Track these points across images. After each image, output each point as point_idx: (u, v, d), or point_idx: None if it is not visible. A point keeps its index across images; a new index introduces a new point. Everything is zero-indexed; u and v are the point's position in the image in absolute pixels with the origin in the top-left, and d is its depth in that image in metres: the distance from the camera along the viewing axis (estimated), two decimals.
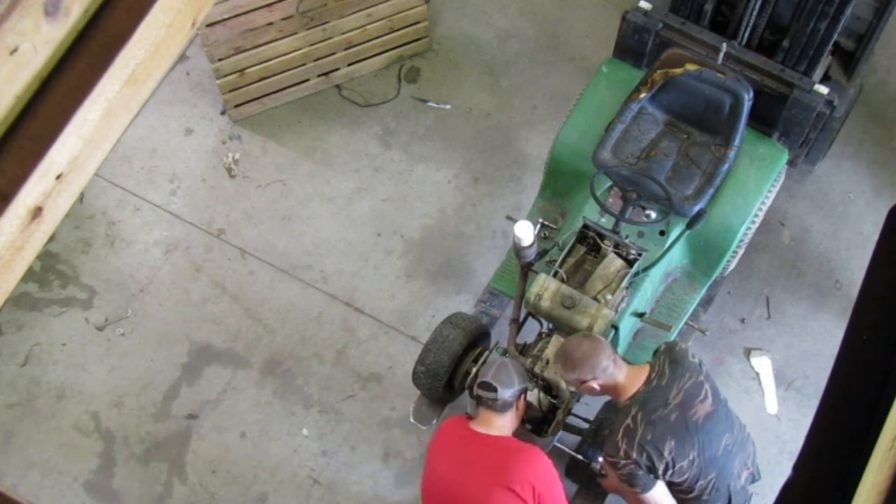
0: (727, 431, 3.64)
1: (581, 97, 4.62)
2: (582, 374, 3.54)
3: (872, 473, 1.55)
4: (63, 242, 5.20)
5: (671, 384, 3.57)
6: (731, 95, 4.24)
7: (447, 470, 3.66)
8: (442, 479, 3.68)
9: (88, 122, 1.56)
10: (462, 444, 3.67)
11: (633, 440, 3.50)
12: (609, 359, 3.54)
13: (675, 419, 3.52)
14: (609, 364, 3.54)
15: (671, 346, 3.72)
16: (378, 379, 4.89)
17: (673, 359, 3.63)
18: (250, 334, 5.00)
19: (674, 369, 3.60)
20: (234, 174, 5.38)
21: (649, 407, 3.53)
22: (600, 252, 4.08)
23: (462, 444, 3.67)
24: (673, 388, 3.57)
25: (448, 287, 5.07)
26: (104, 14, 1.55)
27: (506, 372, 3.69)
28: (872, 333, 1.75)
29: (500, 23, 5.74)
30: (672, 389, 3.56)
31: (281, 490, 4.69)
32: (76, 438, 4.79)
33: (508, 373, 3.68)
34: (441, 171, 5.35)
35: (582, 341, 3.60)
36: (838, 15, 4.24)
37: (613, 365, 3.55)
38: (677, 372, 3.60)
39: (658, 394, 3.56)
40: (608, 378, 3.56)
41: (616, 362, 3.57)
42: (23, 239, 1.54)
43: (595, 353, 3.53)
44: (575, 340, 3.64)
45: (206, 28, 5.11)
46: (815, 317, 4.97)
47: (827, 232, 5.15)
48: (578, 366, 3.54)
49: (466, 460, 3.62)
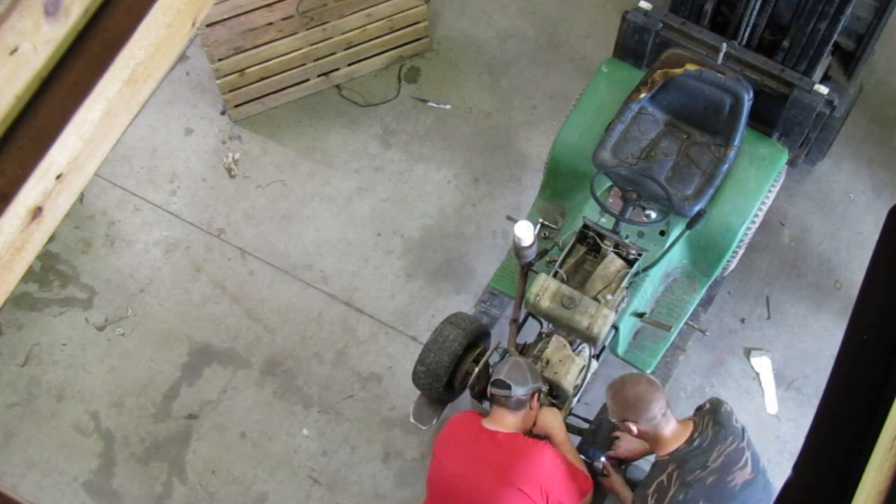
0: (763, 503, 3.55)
1: (581, 97, 4.62)
2: (627, 413, 3.48)
3: (872, 473, 1.55)
4: (63, 242, 5.20)
5: (712, 447, 3.49)
6: (731, 95, 4.24)
7: (456, 465, 3.67)
8: (450, 474, 3.68)
9: (88, 122, 1.56)
10: (473, 441, 3.68)
11: (664, 498, 3.44)
12: (660, 410, 3.46)
13: (711, 483, 3.45)
14: (658, 415, 3.46)
15: (717, 405, 3.61)
16: (378, 379, 4.89)
17: (717, 420, 3.54)
18: (250, 334, 5.00)
19: (717, 431, 3.52)
20: (234, 174, 5.38)
21: (687, 467, 3.46)
22: (600, 252, 4.08)
23: (473, 440, 3.68)
24: (714, 451, 3.49)
25: (448, 287, 5.07)
26: (104, 14, 1.55)
27: (519, 370, 3.72)
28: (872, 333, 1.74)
29: (500, 23, 5.74)
30: (713, 453, 3.48)
31: (281, 490, 4.69)
32: (76, 438, 4.79)
33: (522, 371, 3.72)
34: (441, 171, 5.35)
35: (641, 382, 3.52)
36: (838, 15, 4.24)
37: (662, 417, 3.47)
38: (721, 435, 3.51)
39: (699, 455, 3.48)
40: (652, 428, 3.49)
41: (666, 416, 3.49)
42: (23, 239, 1.54)
43: (648, 400, 3.45)
44: (635, 378, 3.56)
45: (206, 28, 5.11)
46: (815, 317, 4.97)
47: (827, 232, 5.15)
48: (628, 405, 3.47)
49: (476, 457, 3.63)
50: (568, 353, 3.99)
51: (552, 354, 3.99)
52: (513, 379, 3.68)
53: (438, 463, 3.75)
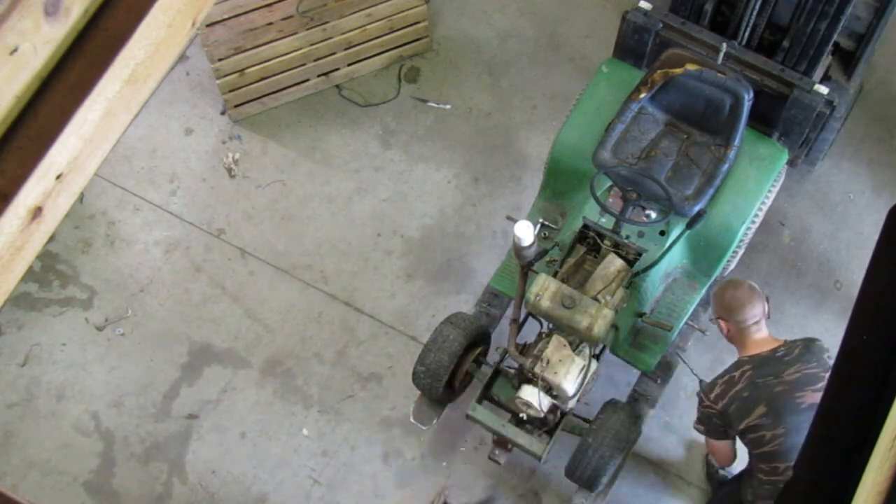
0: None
1: (581, 97, 4.62)
2: (721, 311, 3.71)
3: (872, 473, 1.55)
4: (63, 242, 5.20)
5: (793, 363, 3.63)
6: (731, 95, 4.23)
7: None
8: None
9: (88, 122, 1.55)
10: None
11: (730, 390, 3.61)
12: (753, 317, 3.67)
13: (778, 391, 3.59)
14: (749, 319, 3.66)
15: (812, 339, 3.76)
16: (378, 379, 4.89)
17: (808, 347, 3.69)
18: (250, 334, 5.00)
19: (803, 354, 3.66)
20: (234, 174, 5.38)
21: (762, 371, 3.62)
22: (600, 252, 4.07)
23: None
24: (794, 366, 3.62)
25: (448, 287, 5.07)
26: (104, 14, 1.55)
27: None
28: (872, 333, 1.74)
29: (500, 23, 5.74)
30: (792, 367, 3.62)
31: (281, 490, 4.69)
32: (76, 438, 4.79)
33: None
34: (441, 171, 5.35)
35: (742, 286, 3.73)
36: (838, 15, 4.24)
37: (753, 324, 3.67)
38: (806, 357, 3.65)
39: (777, 364, 3.64)
40: (739, 331, 3.69)
41: (758, 324, 3.69)
42: (23, 239, 1.54)
43: (742, 303, 3.67)
44: (738, 282, 3.78)
45: (206, 28, 5.11)
46: (815, 317, 4.97)
47: (827, 232, 5.15)
48: (723, 304, 3.70)
49: None
50: (568, 353, 3.99)
51: (552, 354, 3.98)
52: None
53: None
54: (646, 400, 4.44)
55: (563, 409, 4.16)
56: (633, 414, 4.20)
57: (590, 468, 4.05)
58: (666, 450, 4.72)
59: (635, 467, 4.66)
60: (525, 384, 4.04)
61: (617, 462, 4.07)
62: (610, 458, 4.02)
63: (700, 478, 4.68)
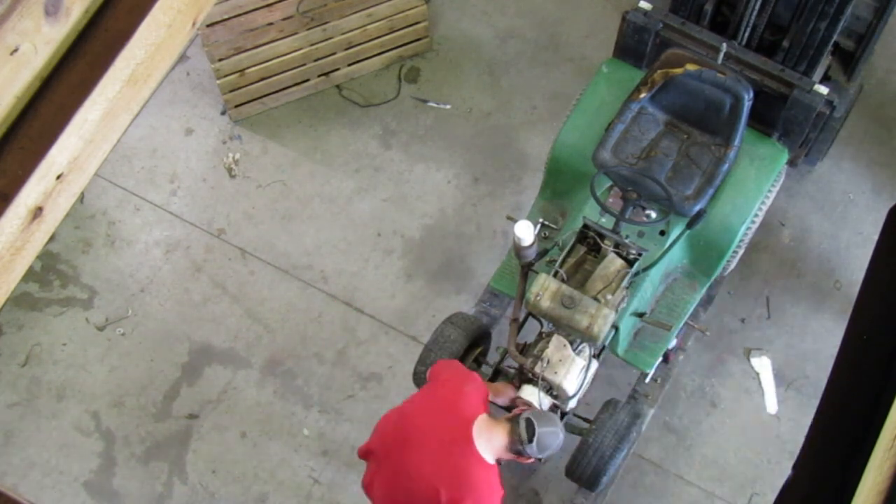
0: None
1: (581, 97, 4.62)
2: None
3: (872, 473, 1.55)
4: (63, 242, 5.20)
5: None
6: (731, 95, 4.24)
7: (414, 414, 3.63)
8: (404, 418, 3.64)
9: (89, 122, 1.56)
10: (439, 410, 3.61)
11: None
12: None
13: None
14: None
15: None
16: (378, 379, 4.89)
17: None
18: (250, 334, 5.00)
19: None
20: (235, 174, 5.38)
21: None
22: (600, 252, 4.07)
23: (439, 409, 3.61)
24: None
25: (448, 287, 5.07)
26: (104, 14, 1.56)
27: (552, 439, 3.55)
28: (872, 333, 1.74)
29: (500, 23, 5.74)
30: None
31: (281, 490, 4.69)
32: (76, 438, 4.79)
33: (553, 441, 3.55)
34: (441, 171, 5.35)
35: None
36: (838, 15, 4.24)
37: None
38: None
39: None
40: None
41: None
42: (23, 239, 1.54)
43: None
44: None
45: (206, 28, 5.11)
46: (815, 317, 4.97)
47: (827, 232, 5.15)
48: None
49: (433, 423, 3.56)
50: (568, 353, 3.99)
51: (552, 354, 3.98)
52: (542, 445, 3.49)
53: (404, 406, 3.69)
54: (646, 400, 4.44)
55: (564, 409, 4.16)
56: (633, 414, 4.20)
57: (590, 468, 4.05)
58: (666, 450, 4.72)
59: (635, 467, 4.66)
60: (525, 384, 4.04)
61: (617, 462, 4.07)
62: (610, 457, 4.02)
63: (700, 477, 4.68)
